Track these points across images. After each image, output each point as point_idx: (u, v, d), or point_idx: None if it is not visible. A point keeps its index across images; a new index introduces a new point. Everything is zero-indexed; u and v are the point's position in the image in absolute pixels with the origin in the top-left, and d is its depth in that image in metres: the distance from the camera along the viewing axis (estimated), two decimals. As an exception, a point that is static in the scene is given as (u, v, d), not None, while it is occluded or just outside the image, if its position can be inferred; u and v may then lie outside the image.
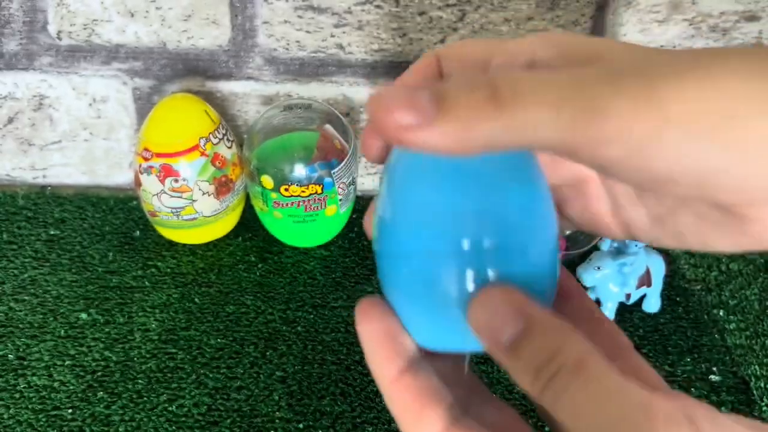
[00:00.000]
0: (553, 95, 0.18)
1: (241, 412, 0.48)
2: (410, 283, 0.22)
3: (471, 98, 0.18)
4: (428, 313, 0.22)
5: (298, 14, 0.62)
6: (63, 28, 0.62)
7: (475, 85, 0.18)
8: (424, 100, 0.18)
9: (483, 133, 0.18)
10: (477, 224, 0.21)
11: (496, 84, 0.18)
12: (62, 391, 0.49)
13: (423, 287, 0.22)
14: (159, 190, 0.57)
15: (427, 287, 0.22)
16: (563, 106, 0.17)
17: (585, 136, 0.18)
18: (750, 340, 0.55)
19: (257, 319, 0.55)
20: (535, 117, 0.17)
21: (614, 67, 0.18)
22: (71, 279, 0.58)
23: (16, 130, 0.67)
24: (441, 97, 0.18)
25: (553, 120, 0.17)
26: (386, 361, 0.22)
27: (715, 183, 0.18)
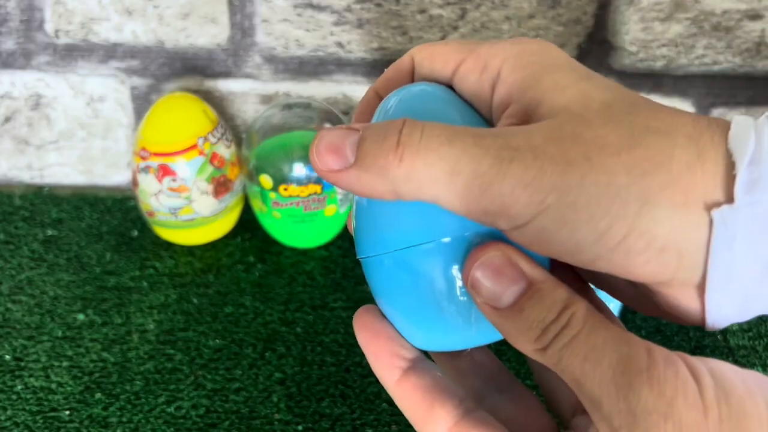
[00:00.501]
0: (451, 163, 0.19)
1: (239, 414, 0.47)
2: (394, 284, 0.22)
3: (379, 148, 0.19)
4: (416, 314, 0.22)
5: (298, 12, 0.61)
6: (60, 26, 0.62)
7: (385, 134, 0.20)
8: (347, 147, 0.20)
9: (386, 183, 0.19)
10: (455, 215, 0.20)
11: (402, 138, 0.19)
12: (60, 392, 0.49)
13: (407, 288, 0.21)
14: (157, 190, 0.56)
15: (412, 287, 0.21)
16: (456, 175, 0.19)
17: (476, 206, 0.19)
18: (753, 341, 0.55)
19: (256, 320, 0.55)
20: (432, 178, 0.19)
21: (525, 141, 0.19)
22: (68, 279, 0.58)
23: (13, 129, 0.67)
24: (360, 143, 0.20)
25: (446, 184, 0.19)
26: (388, 364, 0.22)
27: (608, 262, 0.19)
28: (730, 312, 0.20)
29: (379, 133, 0.20)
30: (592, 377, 0.18)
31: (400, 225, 0.21)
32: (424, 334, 0.22)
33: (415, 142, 0.19)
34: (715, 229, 0.18)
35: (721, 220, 0.18)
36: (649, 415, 0.17)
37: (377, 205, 0.22)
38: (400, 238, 0.21)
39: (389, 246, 0.21)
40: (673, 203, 0.18)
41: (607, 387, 0.17)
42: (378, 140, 0.20)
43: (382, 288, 0.22)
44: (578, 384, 0.18)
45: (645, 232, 0.18)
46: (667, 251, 0.18)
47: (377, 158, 0.19)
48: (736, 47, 0.61)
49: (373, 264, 0.23)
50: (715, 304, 0.19)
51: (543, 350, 0.19)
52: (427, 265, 0.21)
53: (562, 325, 0.18)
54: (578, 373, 0.18)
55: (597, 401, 0.18)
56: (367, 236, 0.23)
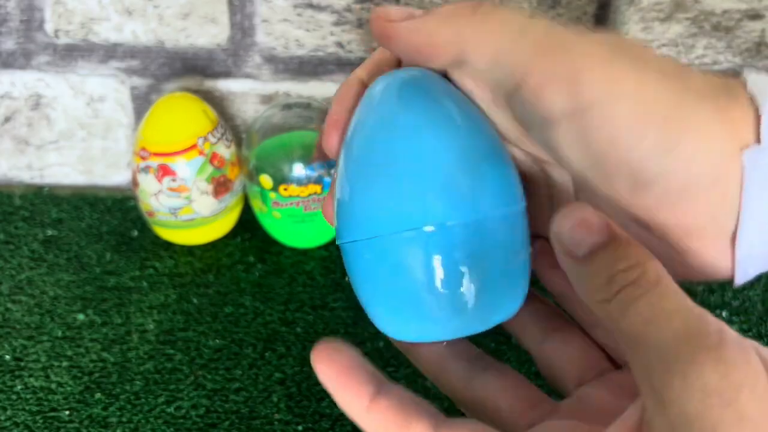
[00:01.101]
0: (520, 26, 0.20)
1: (239, 414, 0.47)
2: (373, 272, 0.21)
3: (456, 6, 0.21)
4: (394, 304, 0.21)
5: (298, 12, 0.61)
6: (60, 26, 0.62)
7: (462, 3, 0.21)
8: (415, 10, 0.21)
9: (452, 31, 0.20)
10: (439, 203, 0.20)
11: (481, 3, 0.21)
12: (59, 392, 0.48)
13: (387, 276, 0.21)
14: (157, 190, 0.56)
15: (392, 275, 0.21)
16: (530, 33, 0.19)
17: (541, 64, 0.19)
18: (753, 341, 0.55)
19: (256, 320, 0.55)
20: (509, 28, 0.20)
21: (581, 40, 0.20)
22: (68, 279, 0.58)
23: (13, 129, 0.67)
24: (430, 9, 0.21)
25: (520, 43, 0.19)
26: (355, 392, 0.22)
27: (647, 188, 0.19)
28: (759, 262, 0.19)
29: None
30: (653, 342, 0.17)
31: (382, 209, 0.21)
32: (402, 324, 0.22)
33: (490, 5, 0.20)
34: (746, 171, 0.18)
35: (752, 162, 0.18)
36: (708, 396, 0.15)
37: (358, 186, 0.21)
38: (382, 223, 0.21)
39: (369, 231, 0.21)
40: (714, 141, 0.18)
41: (665, 355, 0.16)
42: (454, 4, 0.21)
43: (360, 275, 0.22)
44: (635, 346, 0.17)
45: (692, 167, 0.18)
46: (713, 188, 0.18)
47: (452, 10, 0.20)
48: (736, 47, 0.61)
49: (351, 250, 0.22)
50: (745, 251, 0.19)
51: (605, 302, 0.18)
52: (408, 253, 0.20)
53: (631, 280, 0.18)
54: (639, 334, 0.17)
55: (651, 368, 0.17)
56: (346, 220, 0.22)
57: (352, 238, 0.21)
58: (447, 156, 0.20)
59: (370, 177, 0.21)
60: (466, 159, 0.20)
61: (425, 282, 0.20)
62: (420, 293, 0.20)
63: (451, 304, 0.21)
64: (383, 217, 0.20)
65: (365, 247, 0.21)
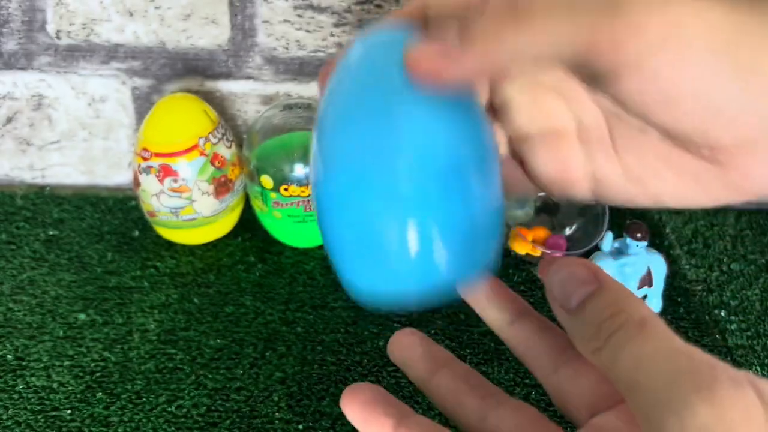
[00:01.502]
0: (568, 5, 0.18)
1: (240, 413, 0.48)
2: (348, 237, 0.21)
3: (491, 20, 0.19)
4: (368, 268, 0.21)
5: (298, 13, 0.61)
6: (62, 27, 0.62)
7: (494, 7, 0.19)
8: (450, 37, 0.19)
9: (507, 47, 0.19)
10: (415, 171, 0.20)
11: (514, 2, 0.19)
12: (61, 391, 0.49)
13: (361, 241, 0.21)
14: (158, 190, 0.57)
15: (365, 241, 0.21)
16: (580, 6, 0.18)
17: (602, 33, 0.18)
18: (751, 340, 0.55)
19: (257, 319, 0.55)
20: (553, 21, 0.18)
21: None
22: (70, 279, 0.58)
23: (15, 129, 0.67)
24: (464, 25, 0.19)
25: (571, 20, 0.18)
26: (378, 424, 0.22)
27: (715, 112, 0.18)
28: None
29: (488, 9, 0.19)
30: (646, 386, 0.17)
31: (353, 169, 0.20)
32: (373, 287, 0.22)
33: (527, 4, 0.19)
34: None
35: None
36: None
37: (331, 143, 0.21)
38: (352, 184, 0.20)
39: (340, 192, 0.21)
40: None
41: (659, 399, 0.16)
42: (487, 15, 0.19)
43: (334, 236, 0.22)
44: (630, 392, 0.17)
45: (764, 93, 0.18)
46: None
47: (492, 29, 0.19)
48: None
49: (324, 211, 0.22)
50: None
51: (598, 351, 0.18)
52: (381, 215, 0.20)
53: (617, 325, 0.18)
54: (631, 379, 0.17)
55: (647, 413, 0.17)
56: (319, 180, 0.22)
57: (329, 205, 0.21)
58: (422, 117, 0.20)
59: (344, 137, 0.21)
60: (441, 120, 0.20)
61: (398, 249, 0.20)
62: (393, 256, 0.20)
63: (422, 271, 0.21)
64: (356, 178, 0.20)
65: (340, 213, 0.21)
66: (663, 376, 0.17)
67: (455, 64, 0.19)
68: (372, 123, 0.20)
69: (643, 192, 0.23)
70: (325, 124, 0.22)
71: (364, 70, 0.22)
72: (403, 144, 0.20)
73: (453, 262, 0.21)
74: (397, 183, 0.20)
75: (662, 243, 0.65)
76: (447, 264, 0.21)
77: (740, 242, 0.66)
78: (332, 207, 0.21)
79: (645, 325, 0.18)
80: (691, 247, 0.65)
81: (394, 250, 0.20)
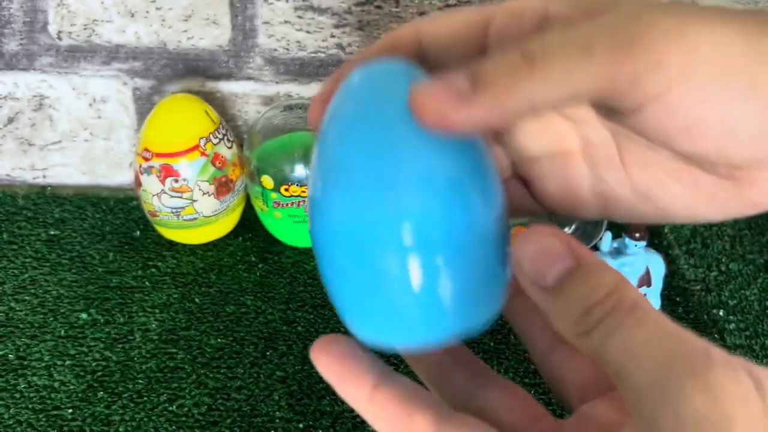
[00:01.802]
0: (584, 40, 0.18)
1: (241, 412, 0.48)
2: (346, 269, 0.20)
3: (504, 65, 0.18)
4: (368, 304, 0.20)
5: (299, 14, 0.62)
6: (63, 28, 0.62)
7: (505, 55, 0.18)
8: (460, 81, 0.18)
9: (522, 96, 0.18)
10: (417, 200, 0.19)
11: (527, 48, 0.18)
12: (62, 391, 0.49)
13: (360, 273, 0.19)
14: (159, 190, 0.57)
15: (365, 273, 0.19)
16: (596, 46, 0.17)
17: (621, 71, 0.18)
18: (750, 340, 0.55)
19: (257, 319, 0.55)
20: (570, 64, 0.17)
21: (640, 9, 0.18)
22: (71, 279, 0.58)
23: (17, 130, 0.67)
24: (475, 72, 0.18)
25: (588, 62, 0.17)
26: (356, 381, 0.21)
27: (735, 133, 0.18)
28: None
29: (498, 56, 0.18)
30: (637, 373, 0.16)
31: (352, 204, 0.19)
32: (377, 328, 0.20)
33: (540, 46, 0.18)
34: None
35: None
36: (699, 424, 0.15)
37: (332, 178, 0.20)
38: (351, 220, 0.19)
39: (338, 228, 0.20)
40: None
41: (652, 386, 0.16)
42: (499, 62, 0.18)
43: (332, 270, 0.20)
44: (620, 378, 0.17)
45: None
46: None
47: (505, 77, 0.18)
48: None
49: (321, 246, 0.21)
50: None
51: (585, 335, 0.17)
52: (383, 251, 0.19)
53: (607, 310, 0.17)
54: (621, 365, 0.16)
55: (639, 400, 0.16)
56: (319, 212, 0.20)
57: (327, 235, 0.20)
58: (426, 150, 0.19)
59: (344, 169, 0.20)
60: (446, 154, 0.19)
61: (400, 282, 0.19)
62: (395, 293, 0.19)
63: (427, 306, 0.19)
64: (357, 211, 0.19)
65: (339, 244, 0.20)
66: (655, 362, 0.16)
67: (465, 110, 0.18)
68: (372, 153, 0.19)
69: (652, 208, 0.23)
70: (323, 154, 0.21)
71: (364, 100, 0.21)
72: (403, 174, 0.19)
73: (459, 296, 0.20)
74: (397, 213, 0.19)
75: (661, 243, 0.65)
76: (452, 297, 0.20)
77: (739, 242, 0.66)
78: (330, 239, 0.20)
79: (636, 309, 0.17)
80: (689, 246, 0.65)
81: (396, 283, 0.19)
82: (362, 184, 0.19)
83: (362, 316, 0.21)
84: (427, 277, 0.19)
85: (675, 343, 0.16)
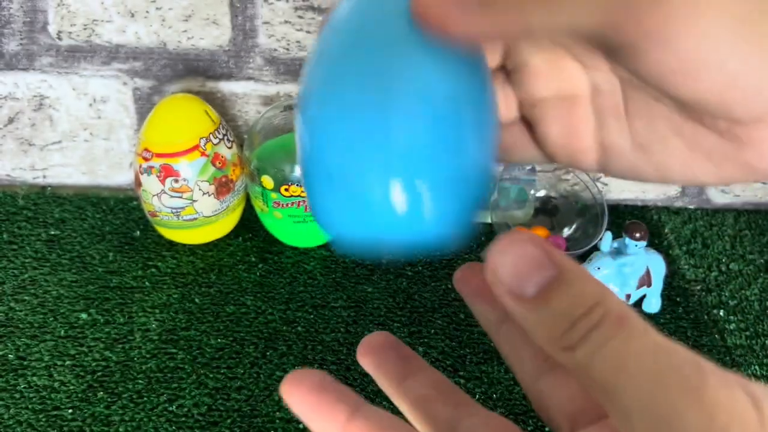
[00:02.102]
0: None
1: (241, 412, 0.48)
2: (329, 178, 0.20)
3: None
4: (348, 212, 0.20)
5: (299, 14, 0.62)
6: (63, 28, 0.62)
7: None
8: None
9: (526, 17, 0.18)
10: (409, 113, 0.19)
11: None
12: (62, 391, 0.49)
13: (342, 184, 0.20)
14: (159, 191, 0.57)
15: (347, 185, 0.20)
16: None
17: (623, 7, 0.17)
18: (750, 340, 0.55)
19: (257, 319, 0.55)
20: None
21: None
22: (71, 279, 0.58)
23: (17, 130, 0.67)
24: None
25: None
26: (330, 411, 0.20)
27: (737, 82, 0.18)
28: None
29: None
30: (627, 390, 0.15)
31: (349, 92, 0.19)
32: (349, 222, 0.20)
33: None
34: None
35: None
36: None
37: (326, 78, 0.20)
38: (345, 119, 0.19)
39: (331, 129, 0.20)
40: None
41: (644, 404, 0.15)
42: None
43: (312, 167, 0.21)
44: (608, 395, 0.16)
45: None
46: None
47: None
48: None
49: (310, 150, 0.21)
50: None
51: (569, 350, 0.16)
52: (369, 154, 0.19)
53: (594, 324, 0.16)
54: (609, 382, 0.16)
55: (629, 418, 0.15)
56: (310, 92, 0.20)
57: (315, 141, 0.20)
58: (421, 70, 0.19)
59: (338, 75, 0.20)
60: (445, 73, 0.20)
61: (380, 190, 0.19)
62: (373, 200, 0.19)
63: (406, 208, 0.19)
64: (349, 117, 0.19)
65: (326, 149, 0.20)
66: (647, 378, 0.15)
67: (468, 18, 0.18)
68: (366, 65, 0.20)
69: (650, 164, 0.22)
70: (316, 63, 0.21)
71: (361, 12, 0.21)
72: (398, 88, 0.19)
73: (437, 212, 0.20)
74: (386, 126, 0.19)
75: (661, 243, 0.65)
76: (430, 213, 0.20)
77: (739, 242, 0.66)
78: (316, 144, 0.20)
79: (624, 322, 0.16)
80: (690, 247, 0.65)
81: (378, 196, 0.19)
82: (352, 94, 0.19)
83: (344, 218, 0.20)
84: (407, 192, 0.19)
85: (665, 357, 0.15)
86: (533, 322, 0.17)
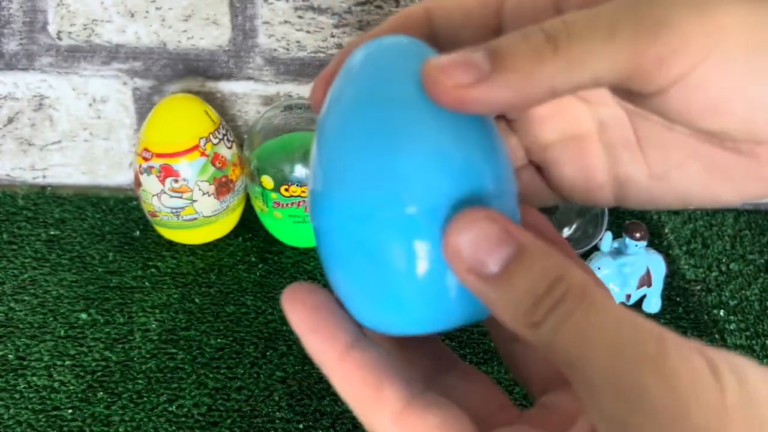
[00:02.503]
0: (607, 20, 0.17)
1: (241, 413, 0.48)
2: (350, 255, 0.19)
3: (527, 46, 0.17)
4: (372, 290, 0.19)
5: (299, 14, 0.62)
6: (63, 28, 0.62)
7: (527, 33, 0.17)
8: (479, 58, 0.17)
9: (544, 76, 0.17)
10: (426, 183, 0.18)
11: (550, 28, 0.17)
12: (62, 391, 0.49)
13: (363, 260, 0.19)
14: (159, 191, 0.57)
15: (369, 259, 0.19)
16: (619, 27, 0.17)
17: (645, 54, 0.17)
18: (750, 340, 0.55)
19: (257, 319, 0.55)
20: (593, 46, 0.17)
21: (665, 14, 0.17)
22: (71, 279, 0.58)
23: (16, 130, 0.67)
24: (496, 50, 0.17)
25: (611, 46, 0.17)
26: (328, 338, 0.19)
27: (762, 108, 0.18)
28: None
29: (519, 34, 0.18)
30: (590, 362, 0.15)
31: (357, 187, 0.19)
32: (380, 315, 0.20)
33: (564, 26, 0.17)
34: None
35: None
36: (656, 413, 0.14)
37: (334, 162, 0.19)
38: (356, 203, 0.19)
39: (342, 212, 0.19)
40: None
41: (606, 375, 0.15)
42: (521, 41, 0.17)
43: (334, 256, 0.20)
44: (572, 369, 0.16)
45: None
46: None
47: (527, 56, 0.17)
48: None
49: (323, 233, 0.20)
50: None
51: (534, 326, 0.16)
52: (387, 237, 0.18)
53: (557, 299, 0.16)
54: (573, 356, 0.16)
55: (593, 390, 0.15)
56: (320, 199, 0.20)
57: (324, 220, 0.20)
58: (433, 130, 0.18)
59: (347, 152, 0.19)
60: (453, 134, 0.19)
61: (405, 268, 0.18)
62: (399, 281, 0.18)
63: (431, 294, 0.19)
64: (358, 195, 0.19)
65: (337, 229, 0.19)
66: (609, 351, 0.15)
67: (484, 88, 0.17)
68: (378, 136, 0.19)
69: (669, 190, 0.22)
70: (326, 134, 0.20)
71: (369, 76, 0.20)
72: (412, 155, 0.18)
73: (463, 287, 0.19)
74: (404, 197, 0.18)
75: (661, 243, 0.65)
76: (457, 285, 0.19)
77: (739, 242, 0.66)
78: (333, 227, 0.19)
79: (586, 295, 0.16)
80: (690, 247, 0.65)
81: (400, 271, 0.18)
82: (367, 166, 0.18)
83: (365, 302, 0.20)
84: (433, 265, 0.18)
85: (627, 329, 0.15)
86: (497, 301, 0.17)
